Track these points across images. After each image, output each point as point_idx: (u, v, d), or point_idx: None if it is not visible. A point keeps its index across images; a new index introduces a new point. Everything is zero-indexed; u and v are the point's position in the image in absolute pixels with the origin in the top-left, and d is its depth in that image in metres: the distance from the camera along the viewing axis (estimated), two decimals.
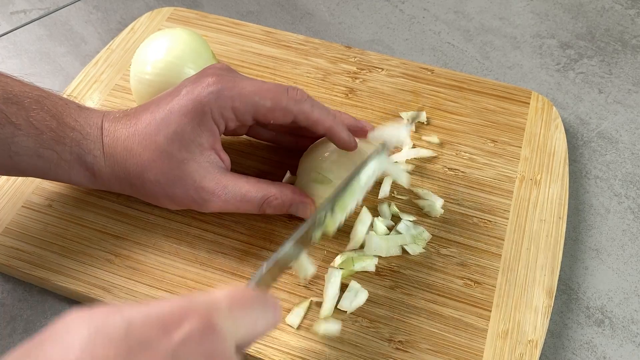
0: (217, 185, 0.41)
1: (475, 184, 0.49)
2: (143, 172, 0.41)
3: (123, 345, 0.24)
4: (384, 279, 0.43)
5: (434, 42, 0.63)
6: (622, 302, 0.45)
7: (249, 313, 0.29)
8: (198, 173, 0.41)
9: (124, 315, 0.25)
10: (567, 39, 0.63)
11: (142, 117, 0.41)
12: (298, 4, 0.67)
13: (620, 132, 0.55)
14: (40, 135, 0.39)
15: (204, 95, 0.40)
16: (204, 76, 0.42)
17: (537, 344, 0.41)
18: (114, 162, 0.41)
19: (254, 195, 0.42)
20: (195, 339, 0.25)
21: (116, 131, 0.41)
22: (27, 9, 0.67)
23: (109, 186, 0.43)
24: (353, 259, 0.43)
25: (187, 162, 0.40)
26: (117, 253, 0.45)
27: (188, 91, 0.41)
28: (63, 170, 0.41)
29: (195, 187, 0.41)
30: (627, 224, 0.49)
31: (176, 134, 0.40)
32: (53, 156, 0.40)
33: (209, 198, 0.41)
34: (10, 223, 0.46)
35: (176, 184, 0.41)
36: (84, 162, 0.41)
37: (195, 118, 0.40)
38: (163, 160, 0.40)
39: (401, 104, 0.54)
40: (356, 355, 0.40)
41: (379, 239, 0.44)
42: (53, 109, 0.40)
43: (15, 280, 0.46)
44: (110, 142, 0.41)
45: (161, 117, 0.41)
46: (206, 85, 0.40)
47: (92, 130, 0.41)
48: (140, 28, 0.60)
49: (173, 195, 0.42)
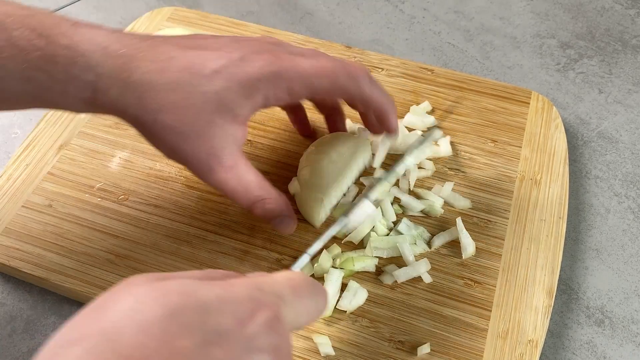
0: (229, 160, 0.39)
1: (475, 184, 0.49)
2: (160, 111, 0.37)
3: (200, 334, 0.23)
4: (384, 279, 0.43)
5: (434, 42, 0.63)
6: (622, 302, 0.45)
7: (306, 301, 0.29)
8: (219, 141, 0.38)
9: (200, 298, 0.24)
10: (567, 39, 0.63)
11: (176, 58, 0.37)
12: (298, 4, 0.67)
13: (620, 132, 0.55)
14: (26, 56, 0.35)
15: (262, 75, 0.37)
16: (263, 47, 0.39)
17: (537, 344, 0.41)
18: (124, 87, 0.37)
19: (254, 188, 0.40)
20: (266, 331, 0.25)
21: (135, 59, 0.37)
22: None
23: (110, 109, 0.38)
24: (353, 259, 0.43)
25: (215, 127, 0.38)
26: (117, 253, 0.45)
27: (244, 59, 0.38)
28: (56, 93, 0.37)
29: (208, 152, 0.38)
30: (627, 224, 0.49)
31: (217, 95, 0.37)
32: (43, 77, 0.36)
33: (216, 168, 0.39)
34: (10, 223, 0.46)
35: (191, 140, 0.38)
36: (82, 81, 0.36)
37: (244, 91, 0.37)
38: (188, 112, 0.37)
39: (401, 104, 0.54)
40: (356, 355, 0.40)
41: (380, 240, 0.44)
42: (39, 27, 0.36)
43: (15, 280, 0.46)
44: (123, 66, 0.37)
45: (203, 73, 0.37)
46: (264, 63, 0.38)
47: (91, 47, 0.36)
48: (140, 28, 0.60)
49: (179, 149, 0.38)
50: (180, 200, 0.48)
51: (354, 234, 0.44)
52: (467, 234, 0.45)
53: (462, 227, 0.45)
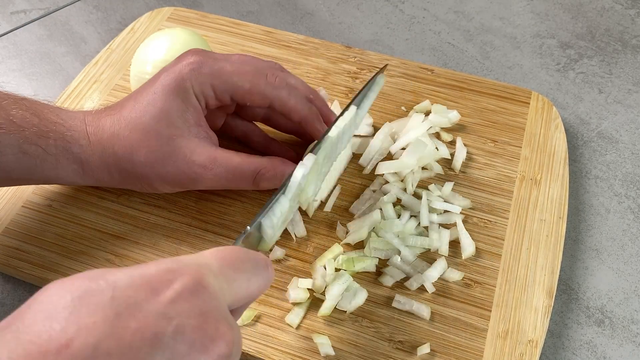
0: (208, 159, 0.41)
1: (475, 184, 0.49)
2: (132, 153, 0.41)
3: (110, 310, 0.23)
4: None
5: (434, 42, 0.63)
6: (622, 302, 0.45)
7: (241, 272, 0.29)
8: (188, 147, 0.41)
9: (108, 279, 0.24)
10: (567, 39, 0.63)
11: (125, 105, 0.42)
12: (298, 4, 0.67)
13: (620, 132, 0.55)
14: (23, 132, 0.39)
15: (185, 72, 0.41)
16: (183, 56, 0.43)
17: (537, 344, 0.41)
18: (102, 149, 0.41)
19: (247, 167, 0.42)
20: (186, 297, 0.25)
21: (100, 120, 0.42)
22: (27, 9, 0.67)
23: (99, 177, 0.42)
24: (354, 259, 0.43)
25: (176, 138, 0.41)
26: (117, 253, 0.45)
27: (168, 72, 0.42)
28: (50, 165, 0.41)
29: (186, 161, 0.41)
30: (627, 224, 0.49)
31: (162, 112, 0.40)
32: (38, 151, 0.40)
33: (201, 172, 0.41)
34: (10, 223, 0.46)
35: (167, 161, 0.41)
36: (70, 154, 0.41)
37: (179, 94, 0.41)
38: (151, 139, 0.40)
39: (401, 104, 0.54)
40: (356, 355, 0.40)
41: (379, 241, 0.44)
42: (32, 107, 0.41)
43: (15, 280, 0.46)
44: (95, 131, 0.41)
45: (146, 100, 0.41)
46: (186, 63, 0.41)
47: (74, 122, 0.41)
48: (140, 28, 0.60)
49: (165, 175, 0.41)
50: (180, 200, 0.48)
51: (354, 235, 0.44)
52: (467, 234, 0.45)
53: (462, 227, 0.45)
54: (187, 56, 0.42)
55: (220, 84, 0.42)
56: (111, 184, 0.43)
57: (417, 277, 0.43)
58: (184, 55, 0.43)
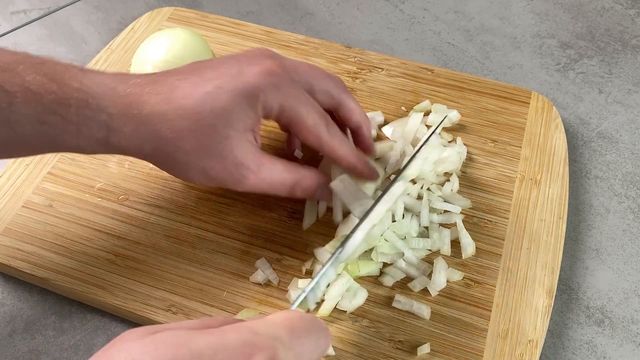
0: (256, 164, 0.41)
1: (475, 184, 0.49)
2: (178, 139, 0.39)
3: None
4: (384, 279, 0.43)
5: (434, 42, 0.63)
6: (622, 302, 0.45)
7: (306, 342, 0.29)
8: (240, 150, 0.40)
9: (192, 349, 0.24)
10: (567, 39, 0.63)
11: (179, 86, 0.40)
12: (298, 4, 0.67)
13: (620, 132, 0.55)
14: (40, 100, 0.37)
15: (263, 83, 0.40)
16: (259, 58, 0.41)
17: (537, 344, 0.41)
18: (138, 122, 0.39)
19: (287, 176, 0.42)
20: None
21: (141, 95, 0.39)
22: (27, 9, 0.67)
23: (126, 147, 0.40)
24: (359, 264, 0.43)
25: (232, 139, 0.40)
26: (117, 253, 0.45)
27: (244, 72, 0.40)
28: (70, 134, 0.38)
29: (235, 163, 0.40)
30: (627, 224, 0.49)
31: (225, 111, 0.39)
32: (57, 120, 0.38)
33: (247, 175, 0.41)
34: (10, 223, 0.46)
35: (215, 158, 0.40)
36: (95, 122, 0.38)
37: (248, 100, 0.39)
38: (205, 133, 0.39)
39: (401, 104, 0.54)
40: (356, 355, 0.40)
41: (387, 246, 0.43)
42: (51, 72, 0.38)
43: (15, 280, 0.46)
44: (133, 102, 0.39)
45: (207, 91, 0.39)
46: (267, 71, 0.40)
47: (101, 90, 0.38)
48: (140, 28, 0.60)
49: (209, 169, 0.40)
50: (180, 200, 0.48)
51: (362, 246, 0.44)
52: (467, 234, 0.45)
53: (462, 227, 0.45)
54: (264, 60, 0.41)
55: (288, 109, 0.41)
56: (139, 157, 0.41)
57: (421, 279, 0.43)
58: (261, 58, 0.41)
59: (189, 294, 0.43)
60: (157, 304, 0.42)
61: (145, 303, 0.42)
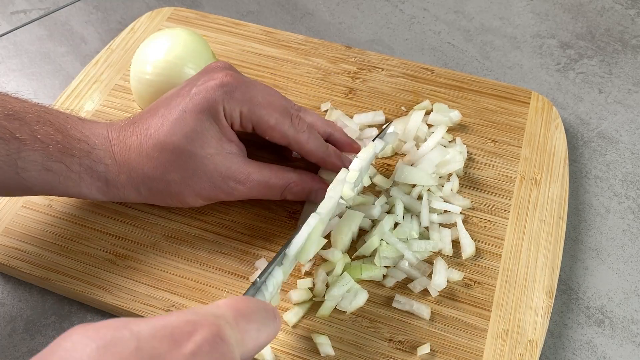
0: (242, 174, 0.42)
1: (475, 184, 0.49)
2: (165, 173, 0.41)
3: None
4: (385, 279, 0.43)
5: (434, 42, 0.63)
6: (622, 302, 0.45)
7: (253, 323, 0.29)
8: (223, 165, 0.42)
9: (132, 329, 0.25)
10: (567, 39, 0.63)
11: (151, 122, 0.41)
12: (298, 4, 0.67)
13: (620, 132, 0.55)
14: (47, 149, 0.39)
15: (218, 95, 0.41)
16: (213, 72, 0.42)
17: (537, 344, 0.41)
18: (129, 169, 0.41)
19: (276, 182, 0.43)
20: (206, 350, 0.25)
21: (125, 139, 0.41)
22: (27, 9, 0.67)
23: (124, 195, 0.43)
24: (362, 267, 0.43)
25: (212, 157, 0.41)
26: (117, 253, 0.45)
27: (200, 90, 0.41)
28: (73, 182, 0.41)
29: (222, 177, 0.42)
30: (627, 224, 0.49)
31: (195, 132, 0.41)
32: (62, 168, 0.40)
33: (235, 187, 0.42)
34: (10, 223, 0.46)
35: (202, 179, 0.42)
36: (95, 172, 0.41)
37: (211, 114, 0.41)
38: (185, 160, 0.41)
39: (401, 104, 0.54)
40: (356, 355, 0.40)
41: (390, 249, 0.43)
42: (56, 122, 0.40)
43: (15, 280, 0.46)
44: (121, 150, 0.41)
45: (175, 118, 0.41)
46: (219, 83, 0.41)
47: (98, 140, 0.41)
48: (140, 28, 0.60)
49: (200, 191, 0.42)
50: None
51: (364, 248, 0.44)
52: (467, 234, 0.45)
53: (462, 227, 0.45)
54: (218, 74, 0.42)
55: (248, 113, 0.42)
56: (137, 201, 0.43)
57: (421, 280, 0.43)
58: (214, 72, 0.42)
59: (189, 294, 0.43)
60: (157, 304, 0.42)
61: (145, 303, 0.42)
